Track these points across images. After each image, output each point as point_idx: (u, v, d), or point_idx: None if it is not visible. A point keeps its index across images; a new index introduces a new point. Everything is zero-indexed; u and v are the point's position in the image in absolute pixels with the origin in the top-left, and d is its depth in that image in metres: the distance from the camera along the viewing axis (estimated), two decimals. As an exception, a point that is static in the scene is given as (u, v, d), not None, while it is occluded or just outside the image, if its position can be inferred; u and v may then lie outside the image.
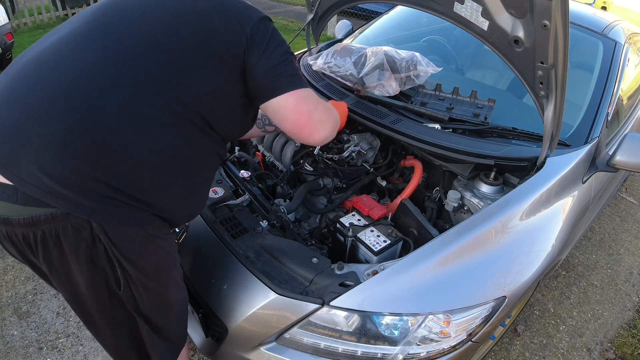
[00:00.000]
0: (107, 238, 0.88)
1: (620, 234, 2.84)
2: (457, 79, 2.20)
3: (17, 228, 0.87)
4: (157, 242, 0.97)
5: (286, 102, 1.01)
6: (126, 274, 0.93)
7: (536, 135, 1.61)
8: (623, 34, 2.15)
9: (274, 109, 1.03)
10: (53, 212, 0.84)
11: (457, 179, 1.55)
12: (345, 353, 1.14)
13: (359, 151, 1.70)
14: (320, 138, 1.09)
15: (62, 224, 0.85)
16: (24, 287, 2.10)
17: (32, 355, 1.80)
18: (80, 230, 0.86)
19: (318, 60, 1.99)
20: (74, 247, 0.87)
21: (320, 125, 1.07)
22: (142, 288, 0.97)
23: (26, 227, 0.86)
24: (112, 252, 0.90)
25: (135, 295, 0.97)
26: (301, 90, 1.02)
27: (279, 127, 1.10)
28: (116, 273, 0.93)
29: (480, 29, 1.33)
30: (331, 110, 1.15)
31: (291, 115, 1.03)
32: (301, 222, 1.60)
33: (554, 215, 1.44)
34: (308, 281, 1.18)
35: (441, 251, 1.21)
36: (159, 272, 1.00)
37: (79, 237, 0.86)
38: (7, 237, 0.90)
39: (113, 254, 0.90)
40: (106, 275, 0.93)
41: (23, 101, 0.84)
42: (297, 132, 1.07)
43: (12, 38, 4.64)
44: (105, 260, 0.91)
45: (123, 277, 0.94)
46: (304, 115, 1.04)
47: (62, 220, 0.85)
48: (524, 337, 2.04)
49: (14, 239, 0.90)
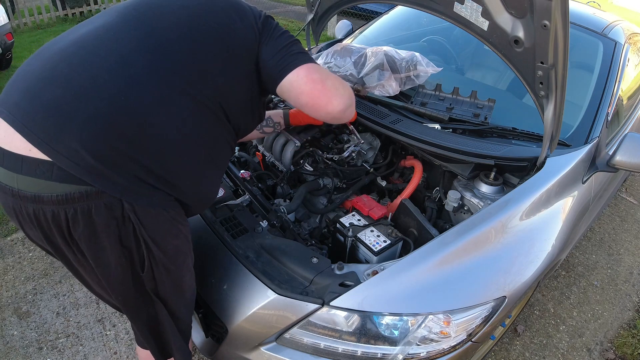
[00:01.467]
0: (136, 218, 0.91)
1: (620, 234, 2.84)
2: (457, 79, 2.20)
3: (48, 206, 0.87)
4: (179, 226, 1.01)
5: (297, 75, 1.07)
6: (151, 254, 0.97)
7: (536, 135, 1.61)
8: (623, 34, 2.15)
9: (289, 87, 1.09)
10: (88, 190, 0.86)
11: (457, 179, 1.55)
12: (345, 353, 1.14)
13: (359, 151, 1.70)
14: (339, 106, 1.10)
15: (95, 202, 0.87)
16: (24, 287, 2.10)
17: (32, 355, 1.80)
18: (112, 209, 0.88)
19: (318, 60, 1.98)
20: (105, 225, 0.89)
21: (336, 92, 1.10)
22: (164, 270, 1.00)
23: (58, 205, 0.86)
24: (140, 232, 0.93)
25: (156, 277, 1.01)
26: (310, 64, 1.10)
27: (296, 106, 1.15)
28: (141, 254, 0.97)
29: (480, 29, 1.33)
30: (344, 82, 1.19)
31: (305, 87, 1.08)
32: (301, 222, 1.60)
33: (554, 215, 1.44)
34: (308, 281, 1.18)
35: (441, 251, 1.21)
36: (178, 256, 1.04)
37: (111, 216, 0.89)
38: (34, 216, 0.90)
39: (141, 234, 0.93)
40: (132, 256, 0.96)
41: (66, 79, 0.88)
42: (314, 103, 1.09)
43: (12, 38, 4.63)
44: (133, 240, 0.94)
45: (147, 259, 0.97)
46: (317, 83, 1.08)
47: (96, 198, 0.87)
48: (524, 337, 2.04)
49: (40, 218, 0.89)
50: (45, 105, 0.85)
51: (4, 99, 0.90)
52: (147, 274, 0.99)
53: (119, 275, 0.97)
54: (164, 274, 1.01)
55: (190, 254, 1.10)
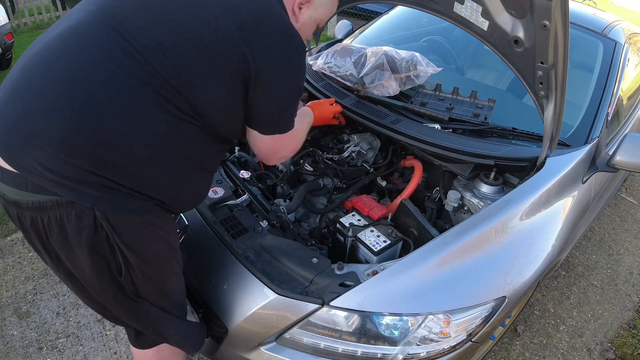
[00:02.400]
0: (109, 225, 0.89)
1: (620, 234, 2.84)
2: (457, 79, 2.19)
3: (27, 211, 0.89)
4: (158, 231, 0.99)
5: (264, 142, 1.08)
6: (127, 261, 0.95)
7: (536, 135, 1.61)
8: (623, 34, 2.15)
9: (253, 134, 1.07)
10: (58, 199, 0.86)
11: (457, 179, 1.55)
12: (345, 353, 1.14)
13: (359, 151, 1.70)
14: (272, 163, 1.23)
15: (66, 210, 0.87)
16: (24, 287, 2.10)
17: (32, 355, 1.80)
18: (83, 217, 0.88)
19: (318, 60, 1.99)
20: (77, 234, 0.89)
21: (278, 159, 1.23)
22: (142, 275, 0.98)
23: (34, 211, 0.88)
24: (114, 240, 0.91)
25: (135, 282, 0.99)
26: (284, 136, 1.08)
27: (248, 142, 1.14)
28: (117, 260, 0.95)
29: (480, 29, 1.33)
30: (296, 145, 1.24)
31: (262, 151, 1.13)
32: (301, 222, 1.60)
33: (553, 215, 1.44)
34: (308, 281, 1.18)
35: (441, 251, 1.21)
36: (159, 261, 1.02)
37: (82, 225, 0.88)
38: (18, 219, 0.93)
39: (115, 241, 0.91)
40: (107, 262, 0.94)
41: (26, 96, 0.85)
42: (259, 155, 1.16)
43: (12, 38, 4.63)
44: (107, 247, 0.92)
45: (124, 264, 0.95)
46: (273, 153, 1.14)
47: (67, 207, 0.87)
48: (524, 337, 2.04)
49: (23, 222, 0.92)
50: (7, 121, 0.85)
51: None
52: (125, 278, 0.97)
53: (95, 281, 0.96)
54: (142, 279, 0.99)
55: (176, 257, 1.08)
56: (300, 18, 1.11)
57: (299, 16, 1.10)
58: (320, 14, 1.15)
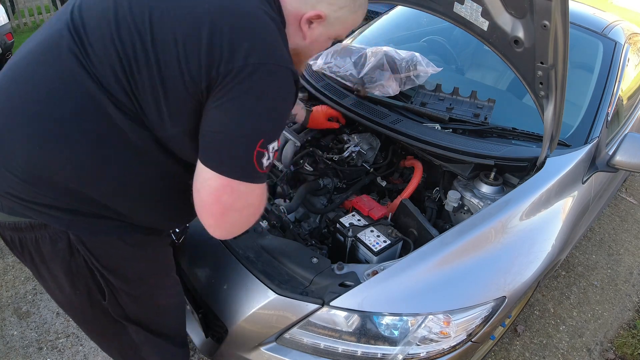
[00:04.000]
0: (85, 249, 0.86)
1: (620, 234, 2.84)
2: (457, 79, 2.19)
3: (6, 230, 0.89)
4: (138, 251, 0.94)
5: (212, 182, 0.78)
6: (109, 283, 0.92)
7: (536, 135, 1.61)
8: (623, 34, 2.15)
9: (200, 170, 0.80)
10: (32, 222, 0.84)
11: (457, 179, 1.55)
12: (345, 353, 1.14)
13: (359, 151, 1.70)
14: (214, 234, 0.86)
15: (40, 233, 0.85)
16: (24, 287, 2.10)
17: (32, 355, 1.80)
18: (57, 240, 0.85)
19: (318, 60, 1.98)
20: (53, 256, 0.87)
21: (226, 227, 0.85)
22: (127, 297, 0.96)
23: (12, 231, 0.88)
24: (92, 263, 0.88)
25: (121, 304, 0.96)
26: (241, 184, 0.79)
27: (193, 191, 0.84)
28: (99, 283, 0.92)
29: (480, 29, 1.33)
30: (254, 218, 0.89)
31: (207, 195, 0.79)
32: (301, 222, 1.60)
33: (553, 215, 1.44)
34: (308, 281, 1.18)
35: (441, 251, 1.21)
36: (144, 280, 0.98)
37: (57, 247, 0.86)
38: (1, 235, 0.93)
39: (93, 265, 0.89)
40: (88, 286, 0.92)
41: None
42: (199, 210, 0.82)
43: (12, 38, 4.63)
44: (87, 271, 0.89)
45: (107, 287, 0.93)
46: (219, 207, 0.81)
47: (40, 229, 0.85)
48: (524, 337, 2.04)
49: (6, 239, 0.92)
50: None
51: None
52: (110, 301, 0.94)
53: (74, 303, 0.94)
54: (128, 301, 0.96)
55: (166, 273, 1.05)
56: (309, 35, 0.94)
57: (308, 32, 0.93)
58: (338, 30, 0.97)
